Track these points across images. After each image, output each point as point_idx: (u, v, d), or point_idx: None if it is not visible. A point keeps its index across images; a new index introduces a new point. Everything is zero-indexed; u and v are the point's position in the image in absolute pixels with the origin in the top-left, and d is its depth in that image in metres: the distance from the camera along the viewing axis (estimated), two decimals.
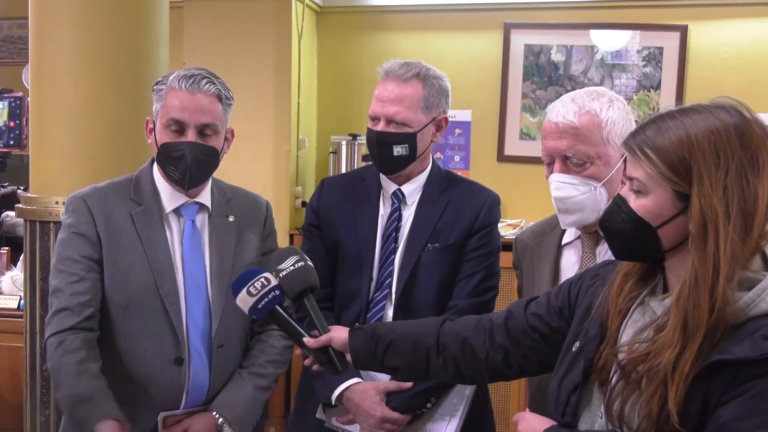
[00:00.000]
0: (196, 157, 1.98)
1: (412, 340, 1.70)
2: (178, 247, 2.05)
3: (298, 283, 1.76)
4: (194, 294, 2.04)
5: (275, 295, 1.75)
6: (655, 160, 1.33)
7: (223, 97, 2.03)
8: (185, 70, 2.03)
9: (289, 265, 1.77)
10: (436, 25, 4.56)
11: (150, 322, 2.00)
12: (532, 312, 1.63)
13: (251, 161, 4.21)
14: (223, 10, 4.39)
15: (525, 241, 2.14)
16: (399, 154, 2.19)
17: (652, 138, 1.35)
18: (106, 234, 2.00)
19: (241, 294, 1.75)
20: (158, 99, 2.03)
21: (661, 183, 1.33)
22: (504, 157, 4.51)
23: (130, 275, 2.00)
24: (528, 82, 4.46)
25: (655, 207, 1.35)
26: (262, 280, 1.76)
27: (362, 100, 4.66)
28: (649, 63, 4.28)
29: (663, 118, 1.37)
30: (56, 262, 2.03)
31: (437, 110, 2.23)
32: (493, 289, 2.26)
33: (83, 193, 2.06)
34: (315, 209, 2.34)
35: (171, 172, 2.01)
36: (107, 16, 2.66)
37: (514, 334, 1.63)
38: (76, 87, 2.65)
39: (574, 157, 1.89)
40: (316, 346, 1.72)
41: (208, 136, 2.01)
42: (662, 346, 1.30)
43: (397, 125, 2.18)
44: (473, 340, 1.66)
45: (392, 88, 2.19)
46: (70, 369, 1.91)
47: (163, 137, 2.00)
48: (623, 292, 1.45)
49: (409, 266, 2.20)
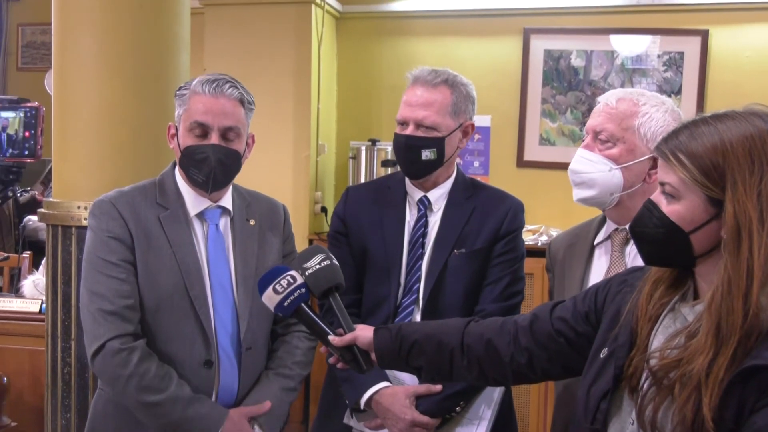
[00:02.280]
0: (219, 159, 1.98)
1: (437, 341, 1.69)
2: (204, 250, 2.05)
3: (323, 281, 1.77)
4: (221, 297, 2.04)
5: (301, 293, 1.76)
6: (688, 165, 1.33)
7: (246, 102, 2.04)
8: (208, 75, 2.03)
9: (315, 264, 1.78)
10: (456, 30, 4.55)
11: (180, 325, 2.00)
12: (558, 316, 1.62)
13: (271, 166, 4.21)
14: (243, 16, 4.41)
15: (558, 243, 2.16)
16: (427, 158, 2.20)
17: (686, 143, 1.34)
18: (138, 238, 2.00)
19: (268, 292, 1.76)
20: (181, 104, 2.04)
21: (694, 188, 1.33)
22: (523, 162, 4.49)
23: (160, 278, 2.00)
24: (548, 88, 4.43)
25: (688, 212, 1.34)
26: (288, 278, 1.76)
27: (381, 106, 4.65)
28: (669, 68, 4.24)
29: (696, 123, 1.37)
30: (91, 265, 2.01)
31: (464, 116, 2.25)
32: (519, 294, 2.27)
33: (111, 197, 2.05)
34: (341, 216, 2.34)
35: (195, 175, 2.01)
36: (129, 23, 2.67)
37: (539, 337, 1.62)
38: (99, 92, 2.65)
39: (602, 134, 1.94)
40: (341, 344, 1.73)
41: (231, 140, 2.01)
42: (695, 352, 1.29)
43: (426, 129, 2.20)
44: (498, 342, 1.65)
45: (421, 93, 2.20)
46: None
47: (186, 140, 2.01)
48: (653, 298, 1.43)
49: (436, 271, 2.21)
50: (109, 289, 1.97)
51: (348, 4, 4.64)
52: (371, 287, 2.27)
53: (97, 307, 1.97)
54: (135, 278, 1.99)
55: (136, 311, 1.98)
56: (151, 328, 2.01)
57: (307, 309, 1.77)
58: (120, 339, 1.94)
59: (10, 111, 3.88)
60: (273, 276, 1.77)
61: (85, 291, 2.02)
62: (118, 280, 1.97)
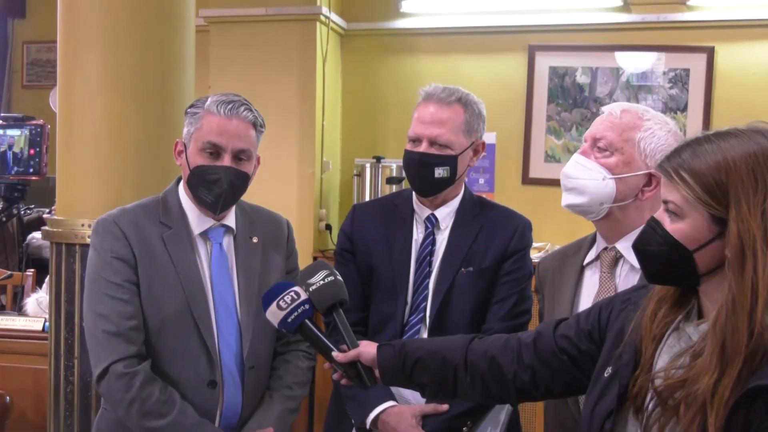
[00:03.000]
0: (231, 181, 2.00)
1: (441, 357, 1.70)
2: (207, 270, 2.06)
3: (328, 297, 1.78)
4: (225, 316, 2.05)
5: (305, 309, 1.77)
6: (691, 183, 1.33)
7: (258, 125, 2.06)
8: (222, 96, 2.05)
9: (319, 280, 1.79)
10: (461, 47, 4.57)
11: (184, 345, 2.00)
12: (562, 333, 1.62)
13: (275, 183, 4.21)
14: (248, 33, 4.43)
15: (547, 264, 2.14)
16: (440, 176, 2.21)
17: (689, 161, 1.34)
18: (141, 257, 2.01)
19: (271, 307, 1.77)
20: (193, 122, 2.05)
21: (697, 206, 1.33)
22: (529, 179, 4.49)
23: (164, 298, 2.00)
24: (553, 105, 4.44)
25: (691, 230, 1.34)
26: (292, 294, 1.77)
27: (386, 123, 4.67)
28: (675, 85, 4.25)
29: (699, 141, 1.37)
30: (95, 286, 2.01)
31: (476, 135, 2.26)
32: (526, 313, 2.28)
33: (113, 215, 2.06)
34: (348, 234, 2.35)
35: (204, 195, 2.02)
36: (135, 40, 2.69)
37: (542, 354, 1.62)
38: (103, 109, 2.67)
39: (601, 141, 1.92)
40: (345, 360, 1.74)
41: (243, 162, 2.04)
42: (700, 373, 1.28)
43: (440, 147, 2.21)
44: (501, 359, 1.65)
45: (435, 110, 2.21)
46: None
47: (196, 160, 2.02)
48: (657, 317, 1.43)
49: (444, 290, 2.21)
50: (113, 310, 1.97)
51: (353, 22, 4.67)
52: (378, 305, 2.28)
53: (102, 329, 1.97)
54: (138, 299, 1.99)
55: (140, 332, 1.98)
56: (154, 348, 2.01)
57: (311, 325, 1.77)
58: (124, 362, 1.95)
59: (15, 129, 3.89)
60: (277, 292, 1.78)
61: (89, 312, 2.02)
62: (122, 301, 1.98)
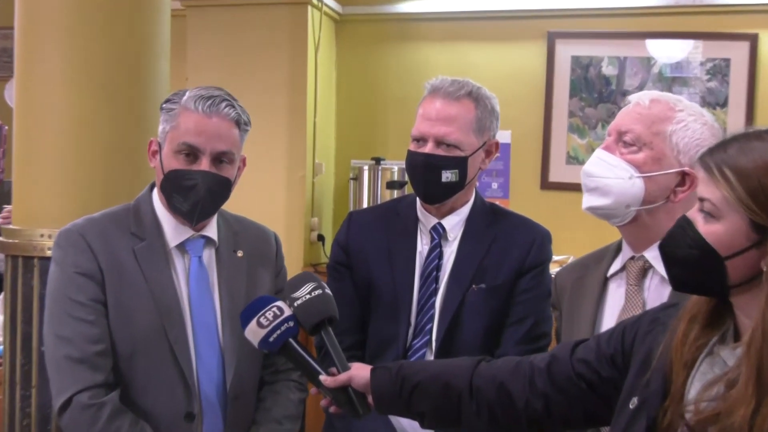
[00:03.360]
0: (209, 188, 1.99)
1: (443, 382, 1.70)
2: (185, 286, 2.05)
3: (315, 313, 1.78)
4: (205, 340, 2.04)
5: (289, 327, 1.77)
6: (734, 182, 1.33)
7: (242, 123, 2.05)
8: (201, 90, 2.03)
9: (305, 293, 1.79)
10: (471, 34, 4.58)
11: (158, 373, 1.99)
12: (580, 357, 1.62)
13: (261, 188, 4.22)
14: (231, 18, 4.44)
15: (565, 276, 2.13)
16: (448, 180, 2.20)
17: (734, 157, 1.35)
18: (109, 273, 2.00)
19: (251, 325, 1.77)
20: (168, 119, 2.03)
21: (737, 208, 1.33)
22: (548, 184, 4.50)
23: (135, 319, 1.99)
24: (575, 99, 4.45)
25: (727, 235, 1.34)
26: (274, 309, 1.78)
27: (387, 120, 4.68)
28: (714, 77, 4.26)
29: (748, 137, 1.37)
30: (56, 305, 2.00)
31: (488, 134, 2.25)
32: (545, 336, 2.27)
33: (78, 226, 2.05)
34: (343, 246, 2.35)
35: (178, 203, 2.01)
36: (102, 27, 2.69)
37: (557, 381, 1.62)
38: (67, 104, 2.67)
39: (627, 135, 1.90)
40: (335, 385, 1.74)
41: (224, 166, 2.02)
42: (735, 403, 1.29)
43: (447, 147, 2.20)
44: (511, 385, 1.66)
45: (442, 106, 2.20)
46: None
47: (171, 163, 2.01)
48: (689, 339, 1.43)
49: (452, 309, 2.21)
50: (77, 333, 1.96)
51: (349, 5, 4.68)
52: (377, 327, 2.27)
53: (64, 354, 1.96)
54: (106, 320, 1.98)
55: (107, 358, 1.97)
56: (124, 376, 2.00)
57: (295, 345, 1.78)
58: (89, 392, 1.93)
59: None
60: (257, 307, 1.78)
61: (50, 335, 2.01)
62: (87, 322, 1.97)
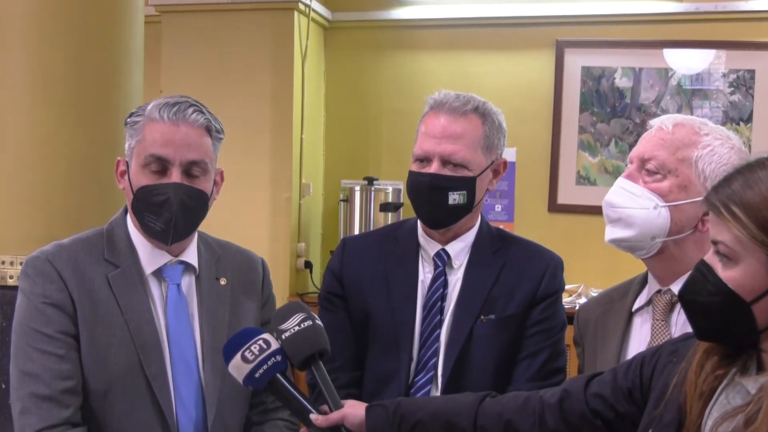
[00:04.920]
0: (182, 202, 1.98)
1: (445, 421, 1.71)
2: (162, 317, 2.05)
3: (304, 346, 1.78)
4: (184, 375, 2.03)
5: (276, 362, 1.77)
6: (743, 219, 1.34)
7: (213, 129, 2.04)
8: (167, 98, 2.04)
9: (294, 325, 1.79)
10: (472, 43, 4.60)
11: (134, 411, 1.98)
12: (595, 392, 1.63)
13: (242, 211, 4.22)
14: (210, 25, 4.45)
15: (589, 311, 2.15)
16: (455, 202, 2.20)
17: (740, 193, 1.36)
18: (81, 304, 1.99)
19: (235, 359, 1.77)
20: (133, 134, 2.03)
21: (752, 248, 1.34)
22: (557, 206, 4.52)
23: (110, 354, 1.98)
24: (586, 114, 4.47)
25: (747, 277, 1.35)
26: (260, 342, 1.78)
27: (380, 136, 4.69)
28: (737, 89, 4.29)
29: (752, 168, 1.38)
30: (23, 339, 1.99)
31: (496, 152, 2.26)
32: (560, 371, 2.26)
33: (47, 252, 2.04)
34: (337, 275, 2.34)
35: (151, 222, 2.00)
36: (69, 35, 2.70)
37: (570, 418, 1.63)
38: (31, 120, 2.68)
39: (651, 162, 1.93)
40: (326, 425, 1.74)
41: (196, 177, 2.02)
42: None
43: (454, 167, 2.20)
44: (519, 424, 1.66)
45: (447, 122, 2.21)
46: None
47: (140, 179, 2.00)
48: (704, 370, 1.44)
49: (459, 343, 2.20)
50: (45, 368, 1.95)
51: (339, 11, 4.70)
52: (375, 362, 2.26)
53: (29, 392, 1.95)
54: (77, 354, 1.97)
55: (76, 396, 1.96)
56: (97, 415, 1.98)
57: (283, 381, 1.78)
58: (54, 429, 1.92)
59: None
60: (242, 340, 1.78)
61: (15, 371, 2.00)
62: (56, 357, 1.96)
